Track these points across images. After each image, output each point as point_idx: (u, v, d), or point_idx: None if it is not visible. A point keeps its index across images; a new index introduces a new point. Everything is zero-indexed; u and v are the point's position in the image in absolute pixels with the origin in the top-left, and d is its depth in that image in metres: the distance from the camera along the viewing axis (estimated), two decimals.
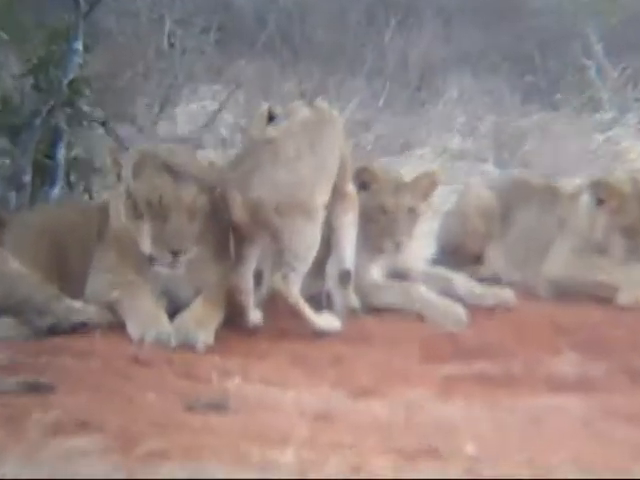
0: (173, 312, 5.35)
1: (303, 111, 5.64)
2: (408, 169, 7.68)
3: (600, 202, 6.04)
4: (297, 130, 5.46)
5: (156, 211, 5.32)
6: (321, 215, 5.44)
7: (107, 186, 8.51)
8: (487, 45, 15.17)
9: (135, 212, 5.36)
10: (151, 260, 5.35)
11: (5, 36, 8.27)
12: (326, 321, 5.47)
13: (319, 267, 5.58)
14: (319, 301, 5.63)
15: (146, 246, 5.33)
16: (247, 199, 5.33)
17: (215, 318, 5.35)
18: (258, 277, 5.68)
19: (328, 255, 5.66)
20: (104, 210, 5.67)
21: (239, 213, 5.36)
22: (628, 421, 4.23)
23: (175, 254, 5.30)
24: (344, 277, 5.60)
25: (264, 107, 5.81)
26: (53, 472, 3.52)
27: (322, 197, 5.45)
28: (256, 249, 5.54)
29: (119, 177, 5.46)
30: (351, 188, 5.75)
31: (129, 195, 5.39)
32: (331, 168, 5.51)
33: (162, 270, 5.35)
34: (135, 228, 5.37)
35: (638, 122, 12.73)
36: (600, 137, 12.36)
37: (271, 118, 5.74)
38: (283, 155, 5.37)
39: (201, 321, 5.27)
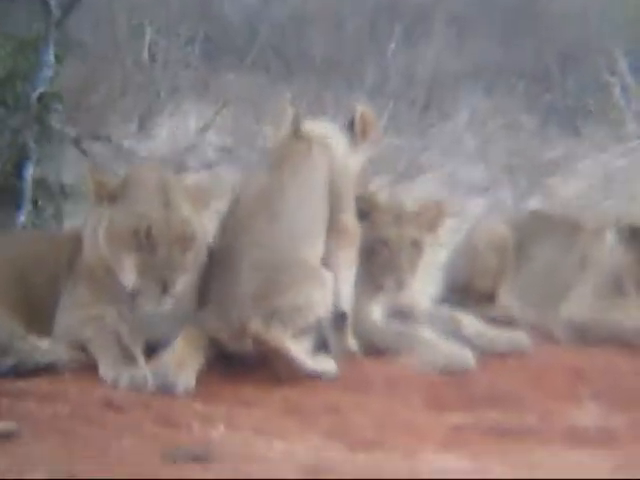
0: (150, 351, 5.35)
1: (282, 150, 5.68)
2: (413, 197, 7.68)
3: (624, 242, 6.08)
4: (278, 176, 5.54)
5: (144, 241, 5.35)
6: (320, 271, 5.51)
7: (79, 211, 8.56)
8: (503, 59, 15.21)
9: (118, 241, 5.38)
10: (134, 295, 5.36)
11: None
12: (320, 364, 5.47)
13: None
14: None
15: (129, 279, 5.34)
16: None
17: (197, 359, 5.34)
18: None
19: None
20: (75, 239, 5.67)
21: None
22: None
23: (164, 288, 5.31)
24: (340, 319, 5.59)
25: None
26: None
27: (315, 251, 5.50)
28: None
29: (100, 200, 5.45)
30: (348, 220, 5.70)
31: (111, 222, 5.41)
32: (318, 214, 5.55)
33: (147, 306, 5.36)
34: (116, 259, 5.38)
35: None
36: (625, 163, 12.39)
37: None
38: (266, 212, 5.46)
39: (182, 363, 5.28)
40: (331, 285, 5.47)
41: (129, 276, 5.33)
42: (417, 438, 4.73)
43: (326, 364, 5.49)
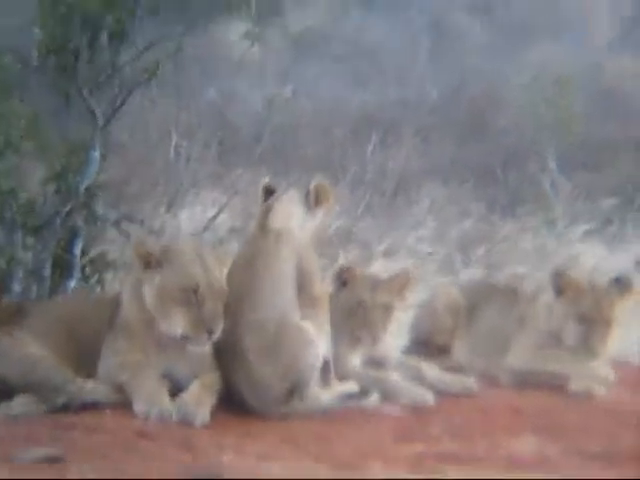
0: (174, 393, 5.33)
1: (253, 246, 5.65)
2: (384, 268, 7.69)
3: (559, 292, 6.09)
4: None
5: (192, 297, 5.36)
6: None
7: (117, 279, 8.55)
8: (457, 159, 15.31)
9: (168, 298, 5.39)
10: (185, 340, 5.36)
11: (31, 147, 8.32)
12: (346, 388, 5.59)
13: None
14: None
15: (180, 327, 5.35)
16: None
17: (210, 399, 5.32)
18: None
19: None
20: (115, 300, 5.67)
21: None
22: None
23: (211, 334, 5.32)
24: (324, 367, 5.56)
25: (263, 182, 5.87)
26: None
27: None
28: None
29: (146, 266, 5.47)
30: (316, 291, 5.61)
31: (161, 282, 5.41)
32: (290, 293, 5.51)
33: (195, 348, 5.37)
34: (166, 313, 5.39)
35: (586, 231, 12.85)
36: (554, 242, 12.44)
37: (270, 192, 5.79)
38: (249, 302, 5.50)
39: (199, 401, 5.26)
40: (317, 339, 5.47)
41: (180, 325, 5.35)
42: (387, 463, 4.71)
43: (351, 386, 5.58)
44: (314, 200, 5.70)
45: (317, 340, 5.44)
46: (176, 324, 5.37)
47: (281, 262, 5.52)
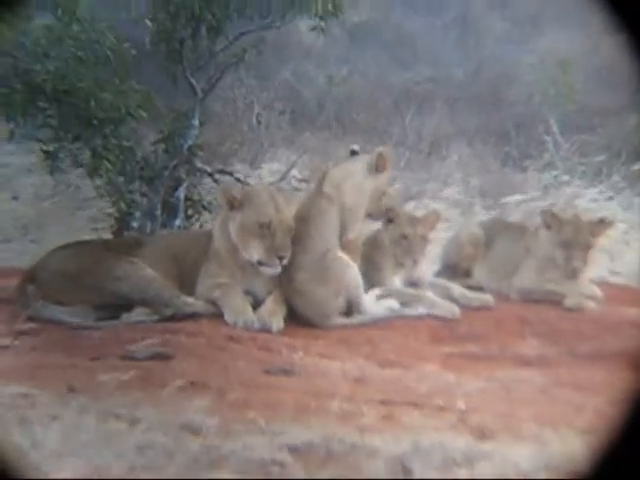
0: (254, 306, 5.35)
1: (309, 204, 5.60)
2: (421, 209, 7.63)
3: (547, 226, 6.04)
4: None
5: (266, 231, 5.36)
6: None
7: (212, 218, 8.57)
8: (479, 124, 15.14)
9: (248, 232, 5.39)
10: (260, 264, 5.38)
11: (145, 116, 8.34)
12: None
13: None
14: None
15: (257, 254, 5.37)
16: None
17: (282, 310, 5.34)
18: None
19: None
20: (208, 235, 5.69)
21: None
22: (572, 388, 4.20)
23: (281, 259, 5.33)
24: (353, 307, 5.54)
25: (350, 147, 5.86)
26: (173, 411, 3.54)
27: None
28: None
29: (231, 207, 5.47)
30: (353, 236, 5.58)
31: (243, 220, 5.41)
32: (333, 243, 5.50)
33: (268, 271, 5.38)
34: (246, 243, 5.40)
35: (580, 178, 12.70)
36: (554, 189, 12.31)
37: (354, 154, 5.76)
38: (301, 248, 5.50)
39: (274, 312, 5.27)
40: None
41: (256, 253, 5.37)
42: (423, 359, 4.70)
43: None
44: (376, 165, 5.64)
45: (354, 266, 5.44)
46: (253, 252, 5.38)
47: (328, 219, 5.49)
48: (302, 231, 5.47)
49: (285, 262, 5.36)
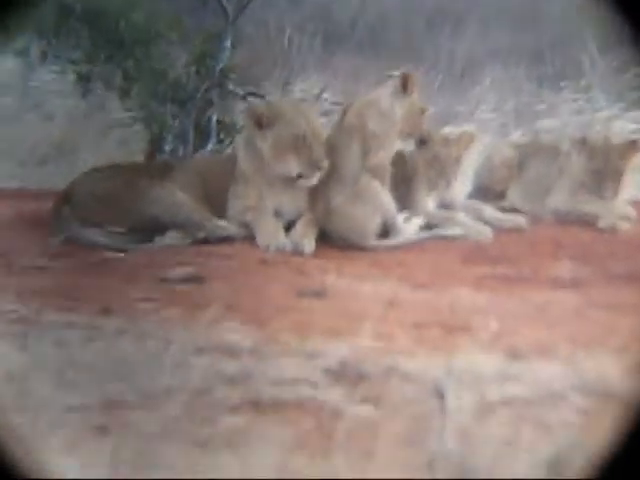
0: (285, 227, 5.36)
1: (334, 138, 5.60)
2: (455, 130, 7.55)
3: (579, 152, 5.97)
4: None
5: (301, 143, 5.34)
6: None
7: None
8: (513, 45, 14.90)
9: (283, 146, 5.37)
10: (299, 177, 5.37)
11: (176, 37, 8.29)
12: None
13: None
14: None
15: (296, 167, 5.36)
16: None
17: (313, 232, 5.34)
18: None
19: None
20: (234, 157, 5.68)
21: None
22: (605, 309, 4.18)
23: (320, 169, 5.33)
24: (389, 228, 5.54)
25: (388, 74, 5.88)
26: (208, 337, 3.57)
27: None
28: None
29: (259, 125, 5.43)
30: (376, 161, 5.55)
31: (277, 134, 5.38)
32: (357, 173, 5.52)
33: (306, 183, 5.39)
34: (282, 158, 5.38)
35: (617, 100, 12.50)
36: (592, 112, 12.13)
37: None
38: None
39: (305, 234, 5.27)
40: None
41: (294, 165, 5.36)
42: (456, 281, 4.69)
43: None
44: (403, 88, 5.59)
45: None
46: (291, 166, 5.36)
47: (351, 153, 5.49)
48: (332, 159, 5.45)
49: (323, 172, 5.36)
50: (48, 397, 3.05)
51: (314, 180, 5.37)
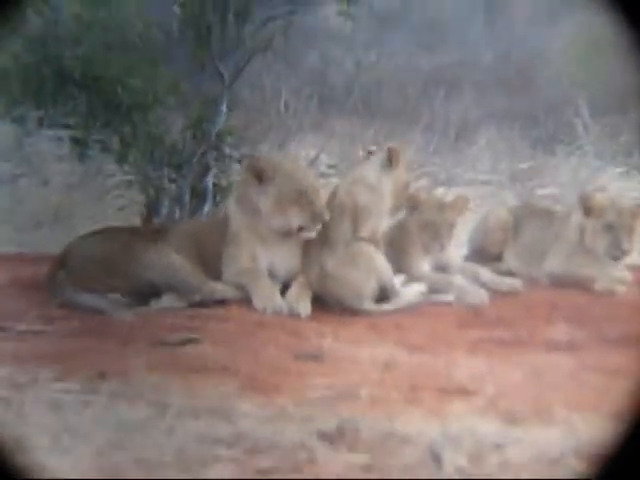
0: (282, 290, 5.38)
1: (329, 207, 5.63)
2: (449, 194, 7.61)
3: (587, 212, 6.01)
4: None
5: (303, 197, 5.42)
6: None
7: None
8: (507, 108, 15.05)
9: (286, 200, 5.42)
10: (300, 230, 5.44)
11: (173, 102, 8.36)
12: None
13: None
14: None
15: (297, 220, 5.42)
16: None
17: (309, 295, 5.36)
18: None
19: None
20: (226, 218, 5.70)
21: None
22: (601, 373, 4.19)
23: (321, 221, 5.43)
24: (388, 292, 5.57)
25: (367, 148, 5.94)
26: (203, 396, 3.56)
27: None
28: None
29: (259, 181, 5.48)
30: (364, 233, 5.60)
31: (279, 189, 5.43)
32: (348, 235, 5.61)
33: (307, 235, 5.45)
34: (283, 212, 5.43)
35: (610, 164, 12.61)
36: (584, 174, 12.23)
37: (369, 153, 5.83)
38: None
39: (300, 297, 5.30)
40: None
41: (296, 218, 5.43)
42: (451, 345, 4.70)
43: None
44: (389, 161, 5.66)
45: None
46: (294, 219, 5.42)
47: (344, 227, 5.56)
48: (324, 233, 5.52)
49: (324, 221, 5.43)
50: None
51: (314, 233, 5.43)
